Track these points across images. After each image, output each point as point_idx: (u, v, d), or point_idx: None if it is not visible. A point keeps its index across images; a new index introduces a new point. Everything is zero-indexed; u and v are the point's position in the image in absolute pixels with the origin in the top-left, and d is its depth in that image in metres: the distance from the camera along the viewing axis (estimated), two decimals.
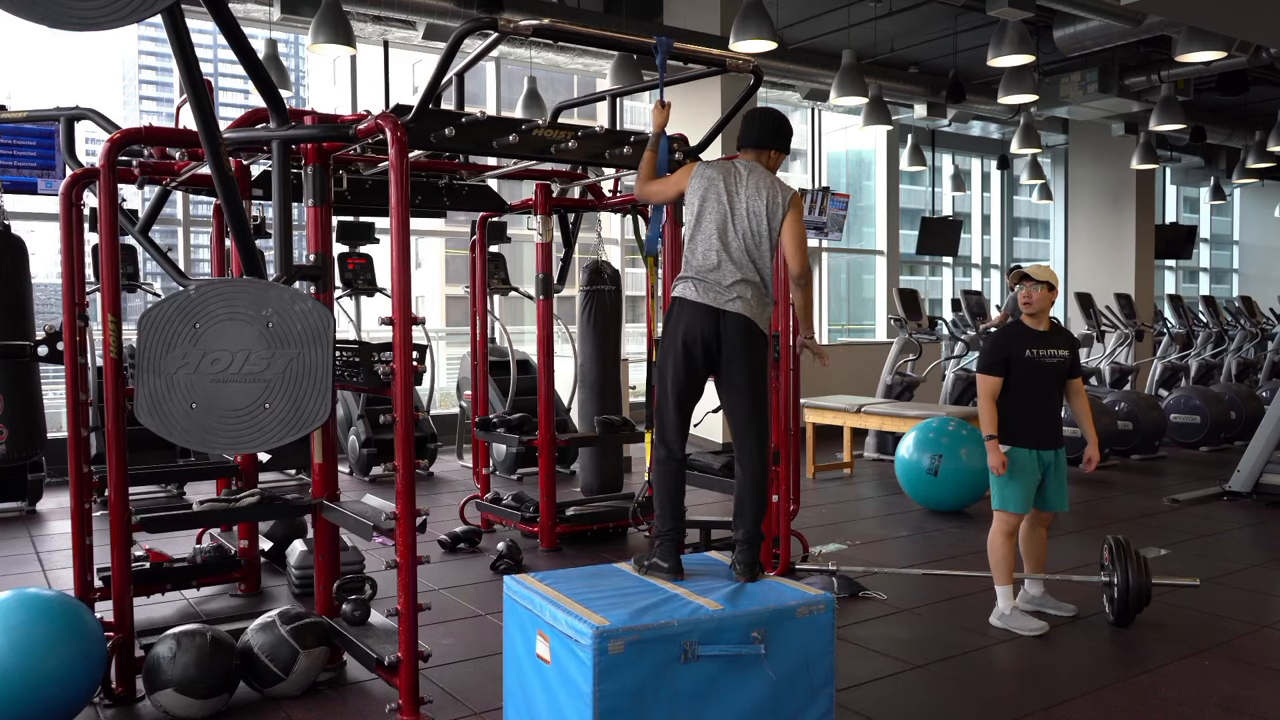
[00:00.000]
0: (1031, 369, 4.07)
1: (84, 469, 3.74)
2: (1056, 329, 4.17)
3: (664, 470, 3.24)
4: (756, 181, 3.28)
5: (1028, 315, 4.14)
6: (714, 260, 3.19)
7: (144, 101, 64.30)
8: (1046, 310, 4.13)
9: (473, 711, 3.28)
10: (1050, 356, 4.08)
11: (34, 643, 2.90)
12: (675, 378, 3.20)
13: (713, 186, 3.26)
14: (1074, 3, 7.89)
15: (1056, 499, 4.17)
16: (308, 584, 4.40)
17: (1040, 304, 4.09)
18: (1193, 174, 16.15)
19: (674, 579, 2.98)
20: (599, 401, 6.70)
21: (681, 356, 3.18)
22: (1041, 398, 4.10)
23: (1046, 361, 4.08)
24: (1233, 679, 3.58)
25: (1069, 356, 4.13)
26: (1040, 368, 4.08)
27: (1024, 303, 4.11)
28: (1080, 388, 4.21)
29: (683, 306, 3.20)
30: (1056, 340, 4.12)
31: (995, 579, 4.17)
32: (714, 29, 8.72)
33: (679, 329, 3.19)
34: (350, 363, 3.33)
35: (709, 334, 3.15)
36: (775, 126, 3.40)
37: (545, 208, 5.54)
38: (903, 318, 9.01)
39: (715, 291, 3.17)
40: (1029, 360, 4.07)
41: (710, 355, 3.18)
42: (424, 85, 3.54)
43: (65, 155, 4.18)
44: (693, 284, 3.20)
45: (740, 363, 3.17)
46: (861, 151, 14.25)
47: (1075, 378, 4.19)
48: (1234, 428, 9.50)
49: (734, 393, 3.21)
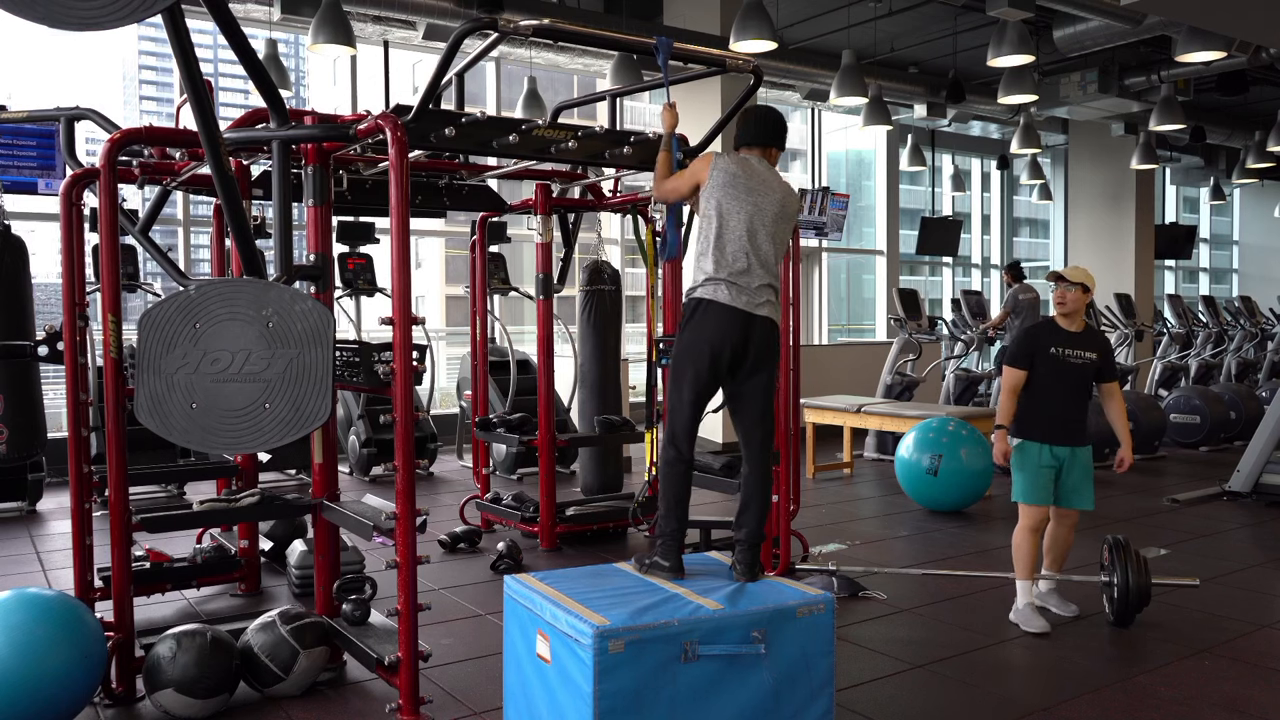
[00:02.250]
0: (1054, 366, 4.11)
1: (84, 469, 3.74)
2: (1089, 331, 4.20)
3: (673, 472, 3.19)
4: (776, 183, 3.27)
5: (1061, 315, 4.18)
6: (744, 262, 3.14)
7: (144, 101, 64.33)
8: (1079, 311, 4.16)
9: (473, 711, 3.29)
10: (1076, 357, 4.11)
11: (34, 643, 2.90)
12: (696, 380, 3.14)
13: (735, 182, 3.20)
14: (1074, 3, 7.89)
15: (1077, 497, 4.18)
16: (308, 584, 4.40)
17: (1074, 304, 4.14)
18: (1193, 174, 16.15)
19: (675, 578, 2.98)
20: (599, 401, 6.70)
21: (707, 360, 3.12)
22: (1060, 395, 4.12)
23: (1072, 361, 4.11)
24: (1233, 679, 3.58)
25: (1097, 360, 4.15)
26: (1064, 366, 4.11)
27: (1058, 303, 4.17)
28: (1114, 391, 4.23)
29: (711, 309, 3.12)
30: (1086, 342, 4.14)
31: (1016, 573, 4.22)
32: (714, 29, 8.72)
33: (707, 332, 3.11)
34: (350, 363, 3.33)
35: (739, 339, 3.10)
36: (777, 124, 3.39)
37: (545, 208, 5.54)
38: (903, 318, 9.01)
39: (746, 295, 3.12)
40: (1053, 358, 4.11)
41: (736, 360, 3.13)
42: (424, 85, 3.54)
43: (65, 155, 4.17)
44: (724, 286, 3.12)
45: (764, 367, 3.17)
46: (861, 151, 14.26)
47: (1108, 381, 4.21)
48: (1234, 428, 9.50)
49: (750, 396, 3.19)
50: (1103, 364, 4.17)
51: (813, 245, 11.74)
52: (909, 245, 13.25)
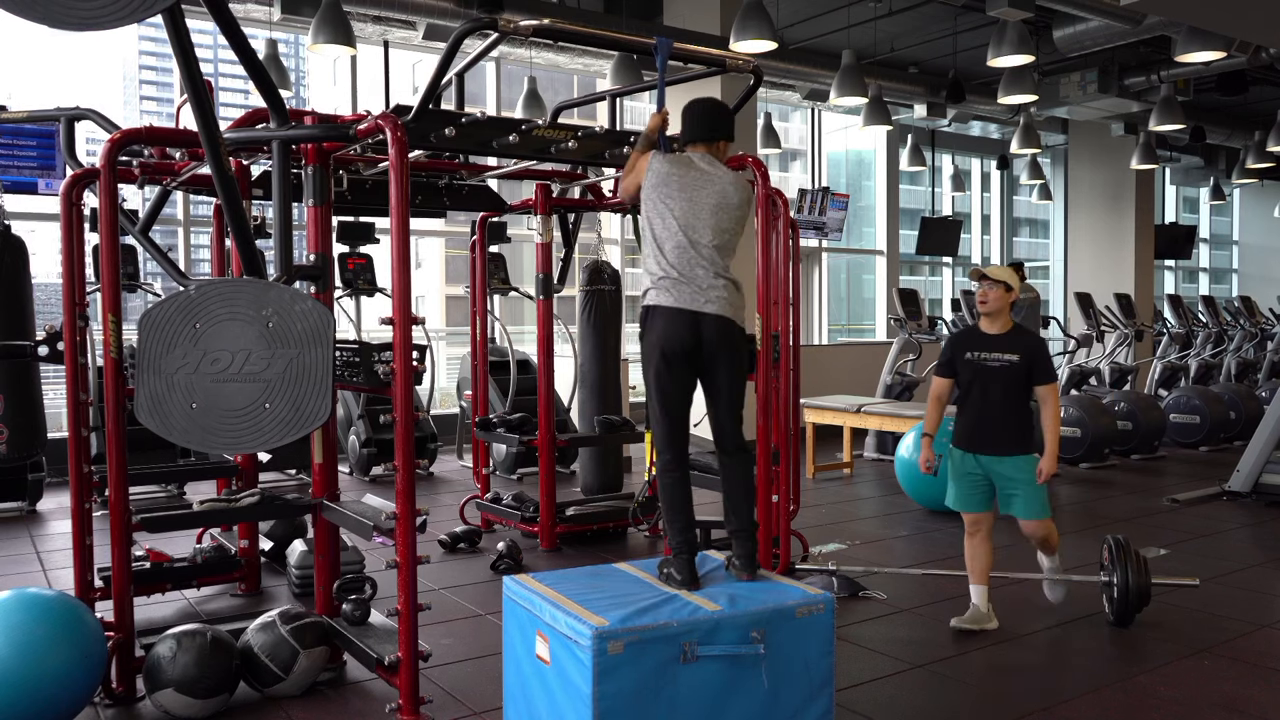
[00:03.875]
0: (972, 372, 3.99)
1: (84, 469, 3.74)
2: (1014, 333, 4.01)
3: (668, 480, 3.16)
4: (720, 175, 3.20)
5: (983, 315, 4.03)
6: (686, 262, 3.09)
7: (144, 101, 64.32)
8: (1002, 311, 3.99)
9: (473, 711, 3.29)
10: (995, 360, 3.96)
11: (34, 643, 2.90)
12: (661, 389, 3.11)
13: (668, 182, 3.14)
14: (1074, 3, 7.89)
15: (1019, 506, 4.02)
16: (308, 584, 4.40)
17: (995, 304, 3.97)
18: (1192, 174, 16.16)
19: (691, 589, 2.93)
20: (599, 401, 6.70)
21: (664, 367, 3.09)
22: (980, 401, 3.99)
23: (989, 365, 3.96)
24: (1233, 679, 3.58)
25: (1021, 361, 3.93)
26: (982, 370, 3.98)
27: (980, 301, 4.00)
28: (1046, 395, 3.99)
29: (656, 314, 3.09)
30: (1008, 344, 3.96)
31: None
32: (714, 29, 8.72)
33: (657, 339, 3.08)
34: (350, 363, 3.33)
35: (690, 339, 3.06)
36: (720, 116, 3.31)
37: (545, 208, 5.54)
38: (903, 318, 9.02)
39: (691, 293, 3.07)
40: (969, 362, 4.00)
41: (693, 359, 3.09)
42: (424, 85, 3.54)
43: (65, 155, 4.17)
44: (668, 289, 3.08)
45: (721, 363, 3.11)
46: (861, 151, 14.26)
47: (1041, 384, 3.98)
48: (1233, 428, 9.50)
49: (713, 392, 3.16)
50: (1032, 366, 3.95)
51: (813, 245, 11.74)
52: (909, 245, 13.26)
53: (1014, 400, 3.97)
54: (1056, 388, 4.03)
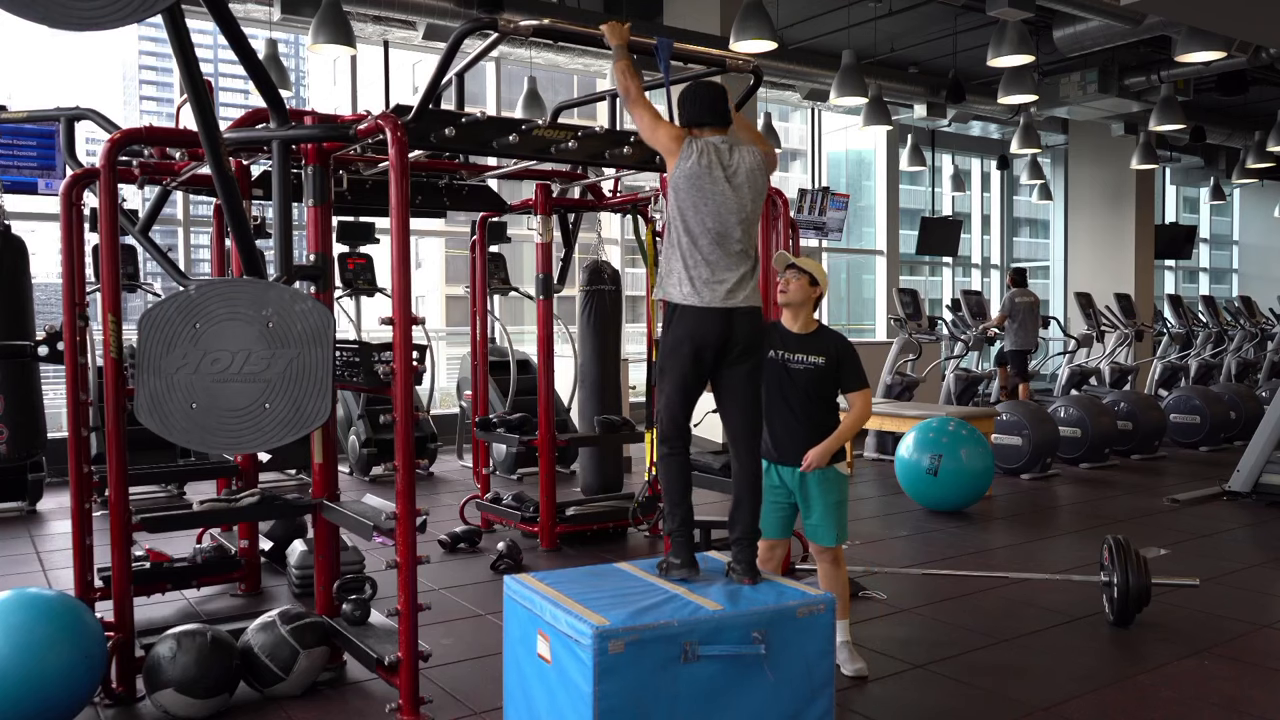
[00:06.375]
0: (775, 373, 3.50)
1: (84, 469, 3.74)
2: (820, 333, 3.56)
3: (668, 464, 3.14)
4: (744, 159, 3.14)
5: (784, 308, 3.56)
6: (717, 257, 3.06)
7: (144, 101, 64.28)
8: (805, 305, 3.53)
9: (473, 711, 3.29)
10: (798, 361, 3.50)
11: (34, 643, 2.90)
12: (682, 375, 3.09)
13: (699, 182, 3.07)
14: (1074, 3, 7.89)
15: (809, 527, 3.56)
16: (308, 584, 4.40)
17: (796, 295, 3.50)
18: (1192, 174, 16.17)
19: (691, 574, 2.95)
20: (599, 401, 6.70)
21: (691, 359, 3.06)
22: (780, 406, 3.50)
23: (792, 366, 3.50)
24: (1233, 679, 3.58)
25: (826, 365, 3.48)
26: (785, 373, 3.50)
27: (780, 291, 3.55)
28: (855, 400, 3.56)
29: (687, 313, 3.05)
30: (813, 345, 3.51)
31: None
32: (714, 29, 8.72)
33: (687, 333, 3.04)
34: (350, 363, 3.33)
35: (720, 338, 3.05)
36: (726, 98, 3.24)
37: (545, 208, 5.54)
38: (903, 318, 9.02)
39: (723, 290, 3.04)
40: (772, 362, 3.50)
41: (720, 355, 3.07)
42: (424, 85, 3.54)
43: (65, 155, 4.18)
44: (698, 287, 3.05)
45: (748, 358, 3.10)
46: (861, 151, 14.26)
47: (850, 390, 3.54)
48: (1234, 428, 9.51)
49: (732, 387, 3.13)
50: (839, 370, 3.51)
51: (813, 245, 11.74)
52: (909, 245, 13.26)
53: (817, 407, 3.52)
54: (868, 394, 3.60)
